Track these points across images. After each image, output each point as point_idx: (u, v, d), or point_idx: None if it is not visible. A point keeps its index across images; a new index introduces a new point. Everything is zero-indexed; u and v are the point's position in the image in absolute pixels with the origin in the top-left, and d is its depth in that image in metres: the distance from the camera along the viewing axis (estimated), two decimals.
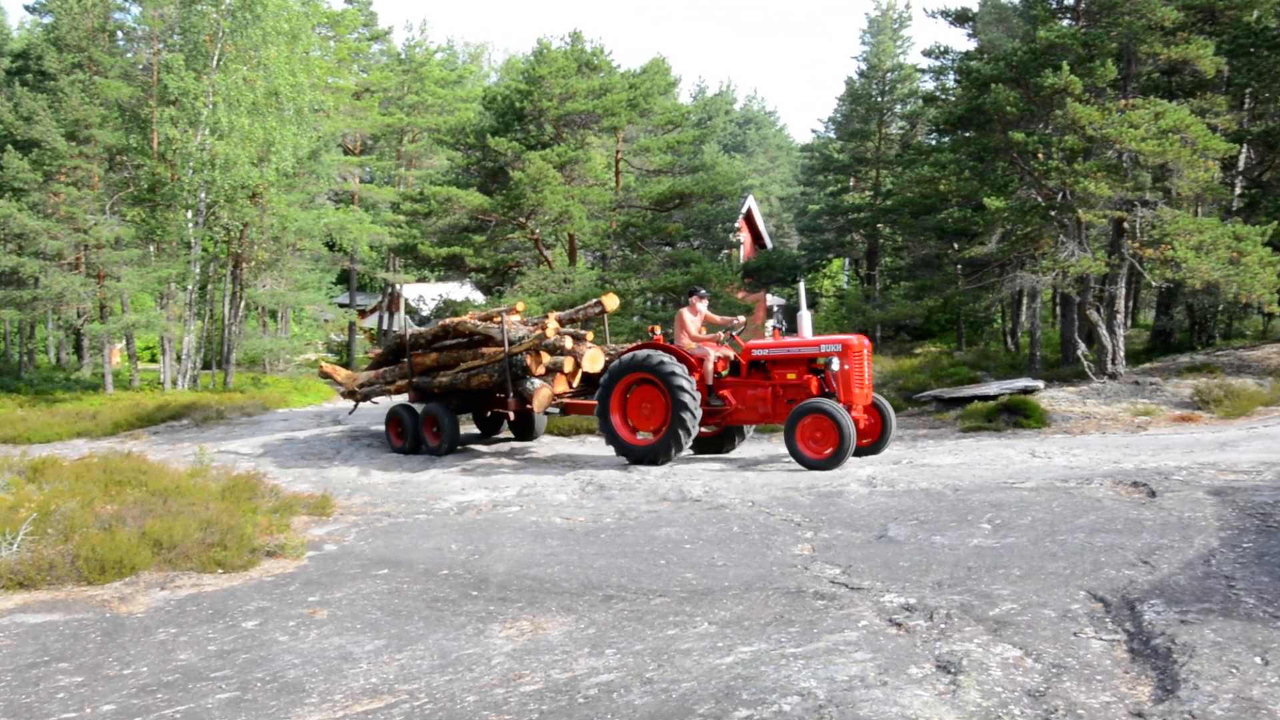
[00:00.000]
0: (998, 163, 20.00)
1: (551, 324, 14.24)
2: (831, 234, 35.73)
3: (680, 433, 12.58)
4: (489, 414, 16.92)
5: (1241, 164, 22.35)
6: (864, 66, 36.97)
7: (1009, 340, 28.84)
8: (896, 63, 36.05)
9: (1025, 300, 26.30)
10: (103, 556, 7.80)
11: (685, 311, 13.42)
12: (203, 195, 26.76)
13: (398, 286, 39.49)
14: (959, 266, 23.80)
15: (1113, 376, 17.82)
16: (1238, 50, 19.75)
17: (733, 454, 14.11)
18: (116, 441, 17.72)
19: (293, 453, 15.78)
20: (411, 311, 37.97)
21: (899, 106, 36.29)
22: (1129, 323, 23.74)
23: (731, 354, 13.23)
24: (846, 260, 39.09)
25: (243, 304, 29.81)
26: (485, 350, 15.09)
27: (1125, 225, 17.94)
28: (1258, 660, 4.67)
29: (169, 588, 7.62)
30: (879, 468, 11.46)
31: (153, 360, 40.39)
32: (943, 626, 5.53)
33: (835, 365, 12.20)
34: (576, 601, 6.72)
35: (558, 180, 20.77)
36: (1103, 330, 18.12)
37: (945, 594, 6.14)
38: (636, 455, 13.00)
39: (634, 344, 13.86)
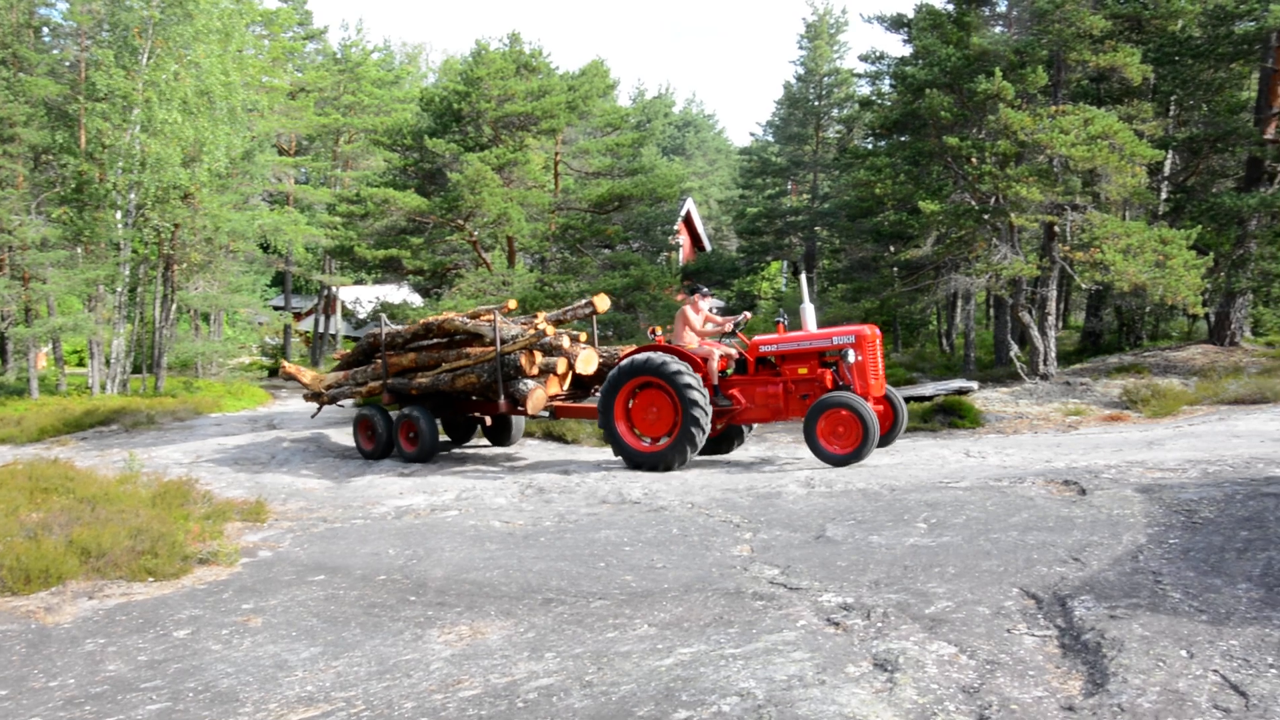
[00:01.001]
0: (932, 167, 20.30)
1: (542, 322, 13.80)
2: (770, 237, 35.97)
3: (693, 435, 12.16)
4: (465, 418, 16.26)
5: (1167, 169, 22.91)
6: (801, 71, 37.29)
7: (944, 342, 29.29)
8: (833, 67, 36.40)
9: (960, 302, 26.72)
10: (28, 566, 7.60)
11: (687, 309, 13.08)
12: (132, 195, 26.21)
13: (334, 289, 39.01)
14: (895, 269, 24.11)
15: (1044, 377, 18.16)
16: (1163, 58, 20.25)
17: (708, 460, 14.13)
18: (42, 448, 17.28)
19: (226, 458, 15.51)
20: (348, 314, 37.53)
21: (836, 111, 36.65)
22: (1060, 324, 24.23)
23: (734, 352, 12.96)
24: (784, 263, 39.38)
25: (174, 307, 29.23)
26: (471, 349, 14.44)
27: (1056, 229, 18.29)
28: (1183, 653, 4.78)
29: (97, 597, 7.44)
30: (817, 469, 11.55)
31: (81, 364, 39.43)
32: (880, 625, 5.59)
33: (851, 357, 12.00)
34: (516, 605, 6.69)
35: (496, 182, 20.66)
36: (1035, 332, 18.46)
37: (882, 593, 6.20)
38: (646, 462, 12.49)
39: (635, 347, 13.46)
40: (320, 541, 9.33)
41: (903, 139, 20.87)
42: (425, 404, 14.93)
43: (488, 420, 15.99)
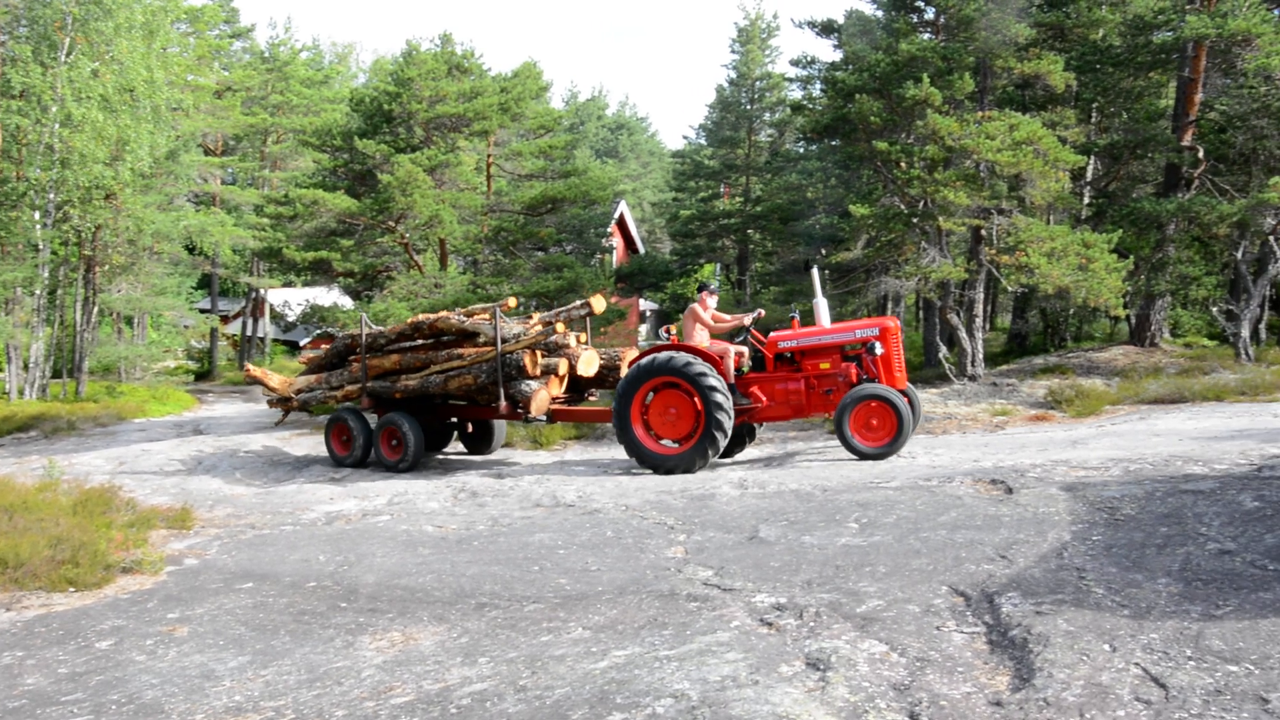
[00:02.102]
0: (863, 171, 20.55)
1: (554, 325, 13.37)
2: (703, 239, 36.12)
3: (715, 436, 11.88)
4: (443, 424, 15.36)
5: (1089, 175, 23.46)
6: (733, 75, 37.52)
7: None
8: (765, 71, 36.67)
9: (890, 305, 27.08)
10: None
11: (696, 308, 12.87)
12: (51, 195, 25.53)
13: (262, 291, 38.35)
14: (826, 271, 24.36)
15: (972, 378, 18.47)
16: (1085, 66, 20.71)
17: (606, 457, 14.12)
18: None
19: (151, 464, 15.16)
20: (277, 317, 36.92)
21: (768, 114, 36.93)
22: (987, 326, 24.69)
23: (745, 350, 12.79)
24: (718, 265, 39.60)
25: (96, 309, 28.51)
26: (463, 350, 13.81)
27: (983, 233, 18.62)
28: (1106, 647, 4.89)
29: (15, 608, 7.23)
30: (750, 470, 11.62)
31: None
32: (812, 625, 5.64)
33: (879, 350, 11.95)
34: (449, 610, 6.63)
35: (428, 184, 20.48)
36: (963, 334, 18.77)
37: (815, 593, 6.26)
38: (666, 465, 12.11)
39: (650, 347, 13.05)
40: (248, 548, 9.17)
41: (833, 143, 21.09)
42: (408, 409, 14.31)
43: (469, 426, 15.36)
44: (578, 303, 13.99)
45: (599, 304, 13.77)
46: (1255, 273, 19.98)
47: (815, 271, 13.86)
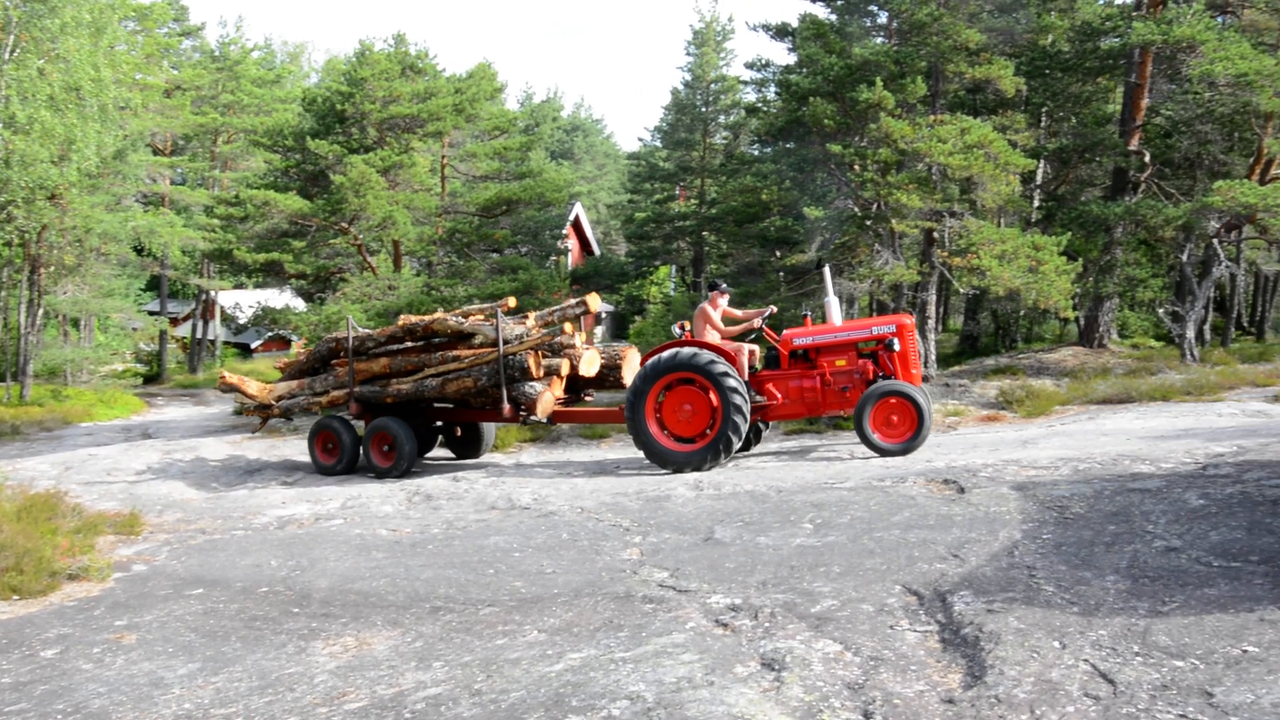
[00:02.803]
0: (817, 173, 20.67)
1: (532, 321, 13.12)
2: (658, 241, 36.17)
3: (731, 435, 11.78)
4: (429, 428, 14.76)
5: (1039, 178, 23.78)
6: (689, 77, 37.59)
7: None
8: (720, 74, 36.78)
9: (844, 307, 27.24)
10: None
11: (706, 306, 12.77)
12: None
13: (213, 293, 37.85)
14: (781, 274, 24.47)
15: (925, 379, 18.63)
16: (1034, 72, 21.01)
17: (561, 460, 14.09)
18: None
19: (98, 469, 14.90)
20: (228, 319, 36.46)
21: (723, 117, 37.04)
22: (940, 328, 24.96)
23: (757, 348, 12.72)
24: (673, 267, 39.67)
25: (41, 311, 27.98)
26: (460, 351, 13.42)
27: (935, 235, 18.81)
28: (1056, 644, 4.95)
29: None
30: (705, 472, 11.64)
31: None
32: (767, 625, 5.66)
33: (897, 346, 11.96)
34: (403, 615, 6.58)
35: (381, 185, 20.34)
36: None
37: (769, 593, 6.28)
38: (682, 463, 11.96)
39: (663, 343, 12.86)
40: (198, 554, 9.04)
41: (788, 146, 21.19)
42: (398, 413, 13.82)
43: (457, 431, 14.99)
44: (573, 301, 13.82)
45: (595, 303, 13.59)
46: (1200, 275, 20.36)
47: (827, 269, 13.75)
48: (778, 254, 25.50)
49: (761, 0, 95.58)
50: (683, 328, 13.02)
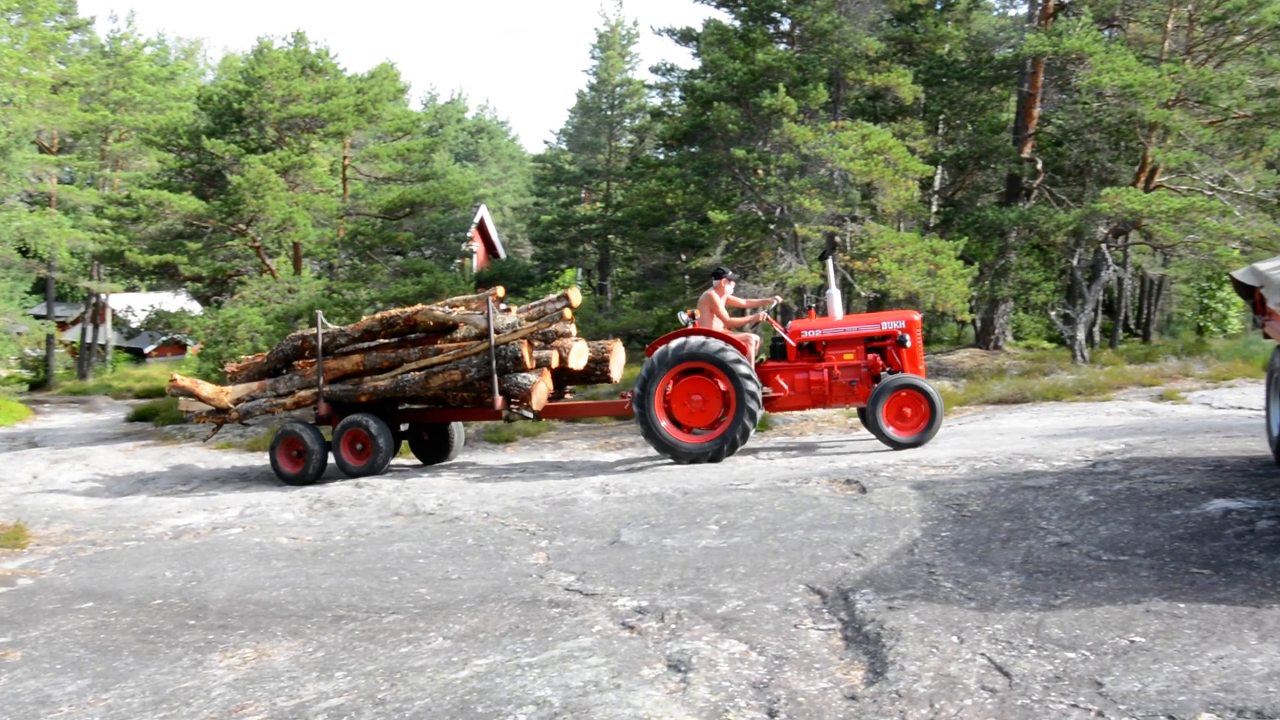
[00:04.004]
0: (721, 178, 20.86)
1: (515, 314, 12.66)
2: (564, 244, 36.14)
3: (746, 425, 11.67)
4: (395, 429, 13.79)
5: (937, 184, 24.39)
6: (594, 80, 37.69)
7: None
8: (625, 78, 36.92)
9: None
10: None
11: (712, 294, 12.62)
12: None
13: (103, 296, 36.64)
14: (686, 277, 24.63)
15: None
16: (932, 80, 21.52)
17: (465, 460, 13.96)
18: None
19: None
20: (119, 323, 35.35)
21: (628, 121, 37.20)
22: None
23: (758, 338, 12.64)
24: (579, 270, 39.66)
25: None
26: (442, 344, 12.93)
27: (837, 239, 19.13)
28: (954, 639, 5.06)
29: None
30: (612, 475, 11.65)
31: None
32: (673, 627, 5.68)
33: (909, 342, 12.01)
34: (304, 624, 6.45)
35: (281, 186, 19.93)
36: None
37: (676, 595, 6.30)
38: (696, 454, 11.82)
39: (671, 332, 12.57)
40: (89, 566, 8.73)
41: (693, 150, 21.37)
42: (378, 411, 13.27)
43: (424, 434, 14.40)
44: (553, 296, 13.41)
45: (577, 297, 13.22)
46: (1089, 279, 21.06)
47: (830, 262, 13.81)
48: (683, 257, 25.67)
49: (666, 5, 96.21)
50: (692, 316, 12.93)
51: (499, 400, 12.59)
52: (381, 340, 13.61)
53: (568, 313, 13.14)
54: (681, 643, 5.38)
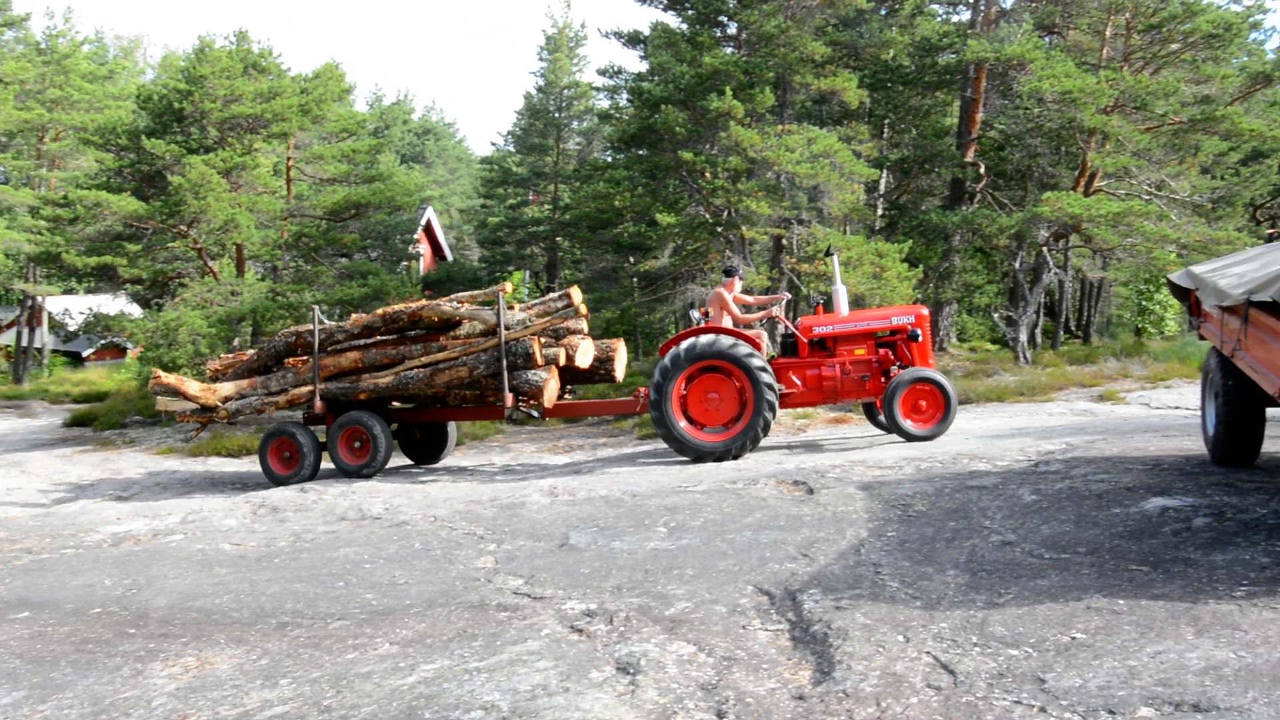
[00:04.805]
0: (669, 180, 20.92)
1: (519, 312, 12.44)
2: (512, 246, 36.03)
3: (764, 422, 11.71)
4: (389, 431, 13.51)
5: (882, 188, 24.66)
6: (542, 82, 37.56)
7: None
8: (573, 80, 36.87)
9: (695, 311, 27.61)
10: None
11: (723, 291, 12.63)
12: None
13: (40, 299, 35.88)
14: (635, 279, 24.66)
15: None
16: (877, 84, 21.76)
17: (412, 468, 13.85)
18: None
19: None
20: (56, 326, 34.57)
21: (576, 123, 37.16)
22: None
23: (765, 334, 12.69)
24: (527, 272, 39.55)
25: None
26: (445, 340, 12.73)
27: (784, 242, 19.26)
28: (900, 638, 5.11)
29: None
30: (560, 478, 11.62)
31: None
32: (622, 629, 5.67)
33: (920, 336, 12.14)
34: (248, 632, 6.35)
35: (223, 187, 19.63)
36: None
37: (624, 597, 6.30)
38: (718, 453, 11.79)
39: (685, 330, 12.56)
40: (24, 575, 8.53)
41: (640, 152, 21.41)
42: (378, 409, 13.06)
43: (416, 432, 14.15)
44: (555, 295, 13.14)
45: (578, 296, 12.98)
46: (1031, 281, 21.40)
47: (835, 258, 13.90)
48: (631, 260, 25.69)
49: (614, 7, 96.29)
50: (705, 314, 12.95)
51: (509, 398, 12.33)
52: (379, 337, 13.35)
53: (583, 309, 12.99)
54: (630, 645, 5.37)
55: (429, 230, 38.86)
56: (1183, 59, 20.70)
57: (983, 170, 21.64)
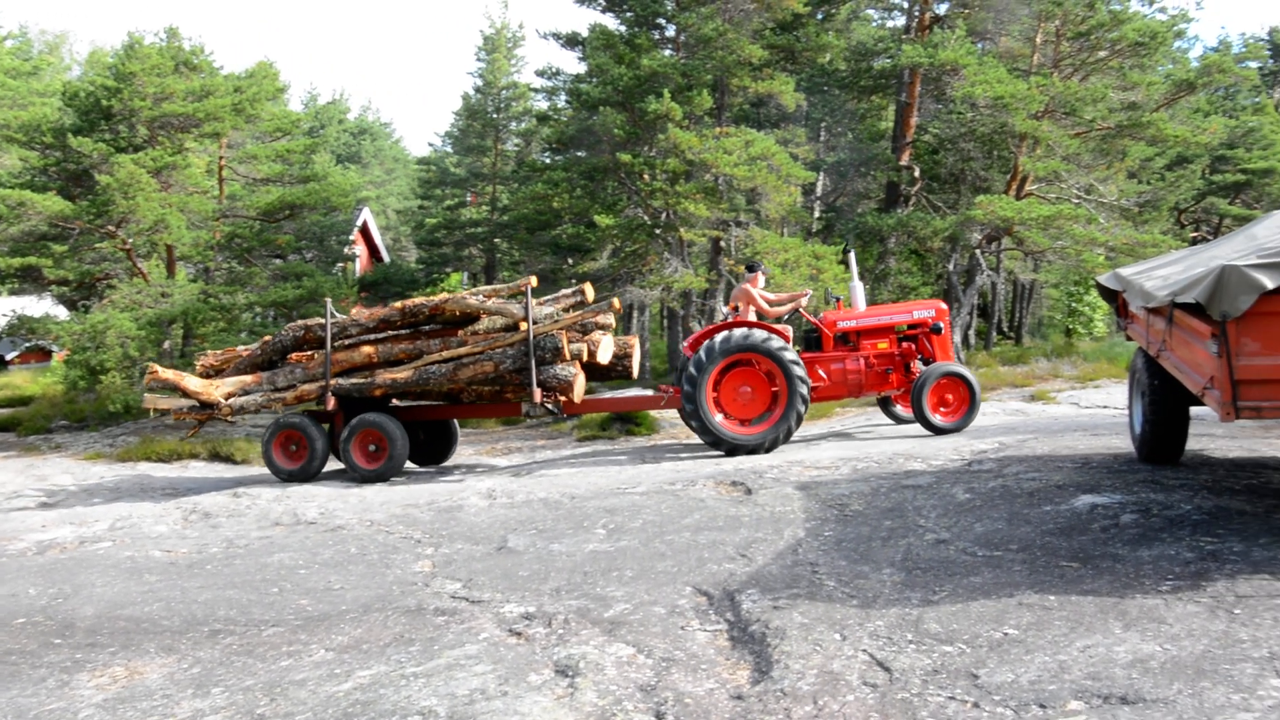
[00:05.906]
0: (607, 182, 20.92)
1: (540, 304, 12.21)
2: (450, 248, 35.74)
3: (795, 416, 11.77)
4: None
5: (819, 190, 24.88)
6: (480, 83, 37.31)
7: None
8: (511, 81, 36.67)
9: (635, 313, 27.64)
10: None
11: (748, 287, 12.62)
12: None
13: None
14: (573, 281, 24.60)
15: None
16: (814, 88, 21.98)
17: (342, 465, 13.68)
18: None
19: None
20: None
21: (514, 124, 36.93)
22: None
23: (789, 330, 12.66)
24: (465, 274, 39.29)
25: None
26: (464, 334, 12.33)
27: (722, 244, 19.36)
28: (837, 637, 5.16)
29: None
30: (499, 480, 11.56)
31: None
32: (561, 632, 5.66)
33: (942, 329, 12.33)
34: (179, 640, 6.23)
35: (153, 187, 19.24)
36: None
37: (563, 600, 6.28)
38: (753, 446, 11.78)
39: (712, 325, 12.51)
40: None
41: (579, 154, 21.39)
42: (383, 409, 12.65)
43: (419, 433, 13.70)
44: (568, 290, 12.86)
45: (590, 293, 12.76)
46: (965, 283, 21.74)
47: (853, 255, 14.13)
48: (570, 261, 25.62)
49: (552, 8, 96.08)
50: (734, 309, 12.97)
51: (537, 393, 12.05)
52: (392, 332, 13.00)
53: (616, 302, 12.90)
54: (569, 648, 5.36)
55: (365, 231, 38.46)
56: (1110, 66, 21.18)
57: (917, 174, 21.94)
